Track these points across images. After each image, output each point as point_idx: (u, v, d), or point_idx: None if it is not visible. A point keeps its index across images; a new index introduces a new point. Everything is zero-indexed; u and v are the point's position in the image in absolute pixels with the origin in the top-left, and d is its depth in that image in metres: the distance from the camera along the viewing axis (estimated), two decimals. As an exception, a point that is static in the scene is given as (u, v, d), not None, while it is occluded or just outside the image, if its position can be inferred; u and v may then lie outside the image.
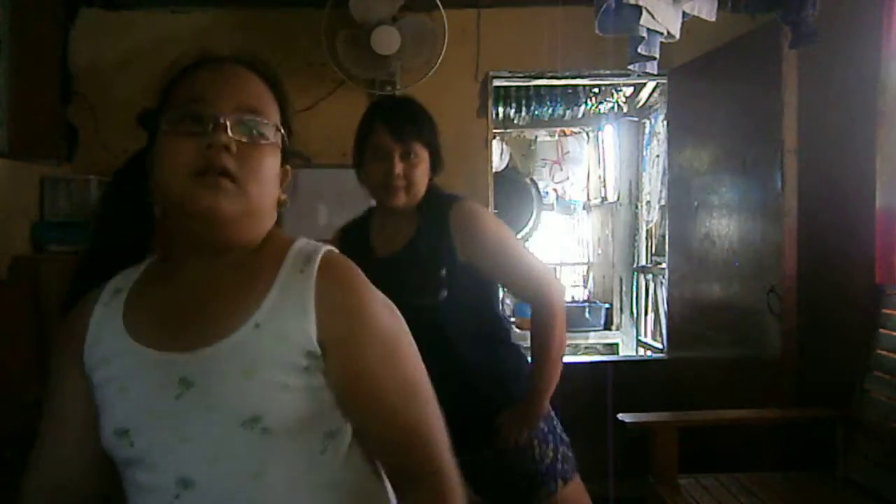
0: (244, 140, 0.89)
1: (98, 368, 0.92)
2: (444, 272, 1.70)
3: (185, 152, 0.87)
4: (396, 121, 1.73)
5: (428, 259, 1.72)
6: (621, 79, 3.80)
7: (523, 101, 4.67)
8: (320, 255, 0.92)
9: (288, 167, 0.99)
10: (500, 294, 1.98)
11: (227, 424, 0.84)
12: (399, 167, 1.70)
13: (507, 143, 5.61)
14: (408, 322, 0.96)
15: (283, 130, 0.95)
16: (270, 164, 0.92)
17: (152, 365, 0.89)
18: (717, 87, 3.03)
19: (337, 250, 0.96)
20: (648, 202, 4.96)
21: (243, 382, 0.85)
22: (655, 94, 4.65)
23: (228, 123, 0.88)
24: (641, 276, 5.07)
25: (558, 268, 5.88)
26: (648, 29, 2.32)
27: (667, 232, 3.61)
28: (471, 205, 1.78)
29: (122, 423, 0.88)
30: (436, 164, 1.77)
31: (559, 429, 1.85)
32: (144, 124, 0.98)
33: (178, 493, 0.85)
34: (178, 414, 0.85)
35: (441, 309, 1.70)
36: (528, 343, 1.85)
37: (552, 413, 1.85)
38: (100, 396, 0.92)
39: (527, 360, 1.87)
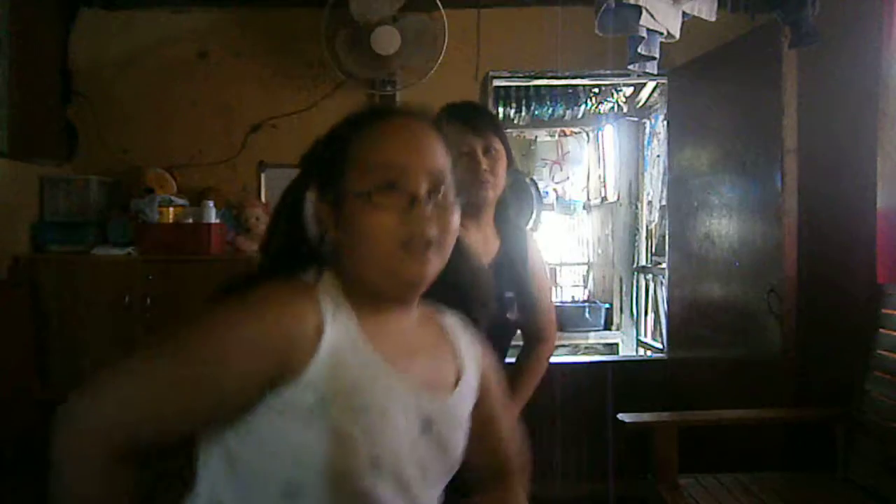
0: (439, 206, 0.93)
1: (343, 390, 0.87)
2: (513, 291, 1.78)
3: (390, 224, 0.91)
4: (472, 118, 1.75)
5: (518, 276, 1.78)
6: (621, 79, 3.80)
7: (523, 101, 4.67)
8: (470, 327, 1.09)
9: None
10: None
11: (449, 468, 1.00)
12: (484, 162, 1.72)
13: (507, 143, 5.61)
14: (487, 332, 1.12)
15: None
16: (457, 220, 0.96)
17: (409, 397, 0.94)
18: (717, 86, 3.03)
19: None
20: (649, 202, 4.96)
21: (461, 433, 1.01)
22: (655, 94, 4.65)
23: (428, 194, 0.92)
24: (641, 276, 5.07)
25: (558, 268, 5.89)
26: (648, 29, 2.32)
27: (667, 232, 3.61)
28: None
29: (377, 449, 0.88)
30: (510, 162, 1.80)
31: None
32: (309, 167, 1.00)
33: None
34: (422, 451, 0.95)
35: (508, 326, 1.78)
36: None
37: None
38: (342, 420, 0.86)
39: None
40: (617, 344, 5.19)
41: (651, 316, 4.93)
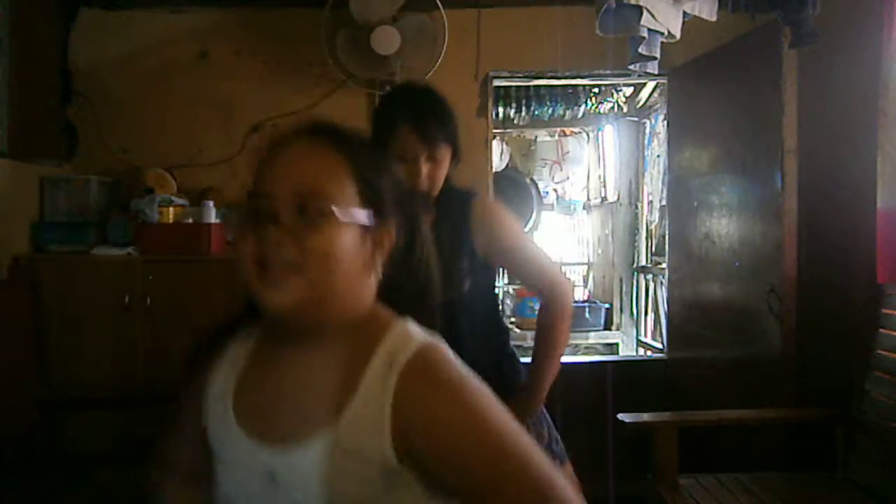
0: (305, 225, 0.88)
1: (212, 440, 0.98)
2: (465, 265, 1.69)
3: (248, 247, 0.90)
4: (423, 121, 1.65)
5: (450, 250, 1.68)
6: (621, 79, 3.80)
7: (523, 101, 4.67)
8: (405, 360, 0.86)
9: (389, 229, 0.95)
10: (500, 300, 1.99)
11: None
12: (425, 169, 1.65)
13: (507, 143, 5.61)
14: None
15: (362, 198, 0.91)
16: (339, 243, 0.89)
17: (249, 456, 0.93)
18: (717, 86, 3.03)
19: (434, 342, 0.90)
20: (649, 202, 4.96)
21: (324, 491, 0.86)
22: (655, 94, 4.64)
23: (284, 213, 0.88)
24: (641, 276, 5.07)
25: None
26: (649, 29, 2.32)
27: (667, 232, 3.61)
28: (488, 200, 1.80)
29: (226, 499, 0.96)
30: (455, 158, 1.73)
31: (548, 415, 1.86)
32: None
33: None
34: (274, 502, 0.91)
35: (458, 304, 1.67)
36: (527, 343, 1.85)
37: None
38: (214, 461, 0.98)
39: (521, 372, 1.86)
40: (617, 344, 5.19)
41: (651, 316, 4.93)
